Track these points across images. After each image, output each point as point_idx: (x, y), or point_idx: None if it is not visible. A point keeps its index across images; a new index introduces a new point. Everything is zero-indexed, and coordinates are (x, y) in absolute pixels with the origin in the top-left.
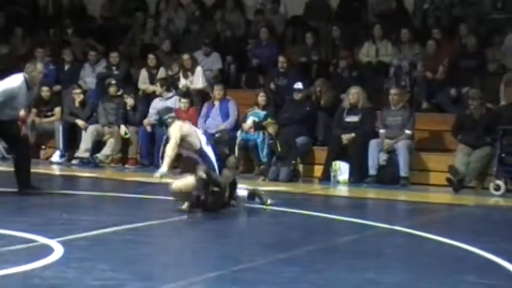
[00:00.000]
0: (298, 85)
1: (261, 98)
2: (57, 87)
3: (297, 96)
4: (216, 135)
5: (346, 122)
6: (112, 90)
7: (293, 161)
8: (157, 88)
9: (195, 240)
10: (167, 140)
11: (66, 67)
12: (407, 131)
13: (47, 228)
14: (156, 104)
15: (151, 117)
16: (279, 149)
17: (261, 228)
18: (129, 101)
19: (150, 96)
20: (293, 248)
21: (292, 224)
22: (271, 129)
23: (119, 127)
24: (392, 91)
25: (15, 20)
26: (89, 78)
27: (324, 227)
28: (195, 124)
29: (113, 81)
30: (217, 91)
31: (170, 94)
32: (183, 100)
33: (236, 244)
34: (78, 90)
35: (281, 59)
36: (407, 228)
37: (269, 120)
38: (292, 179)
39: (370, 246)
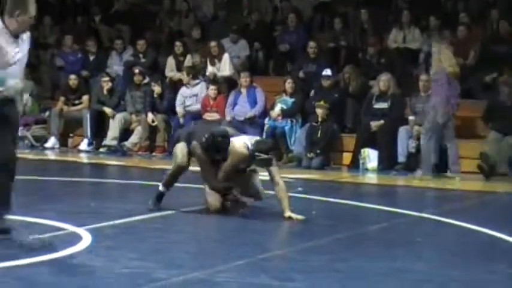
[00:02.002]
0: (327, 71)
1: (289, 85)
2: (84, 74)
3: (326, 83)
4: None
5: (375, 108)
6: (136, 78)
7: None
8: (183, 76)
9: (222, 228)
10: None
11: (93, 56)
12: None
13: (75, 217)
14: (184, 92)
15: (182, 107)
16: (319, 135)
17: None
18: (156, 89)
19: (177, 84)
20: (321, 236)
21: (320, 212)
22: (320, 112)
23: (146, 115)
24: (422, 77)
25: (43, 8)
26: (116, 66)
27: (352, 215)
28: (223, 111)
29: (136, 70)
30: (244, 78)
31: (196, 81)
32: (211, 87)
33: (264, 232)
34: (106, 78)
35: (312, 44)
36: (437, 216)
37: (322, 102)
38: (323, 167)
39: (399, 234)
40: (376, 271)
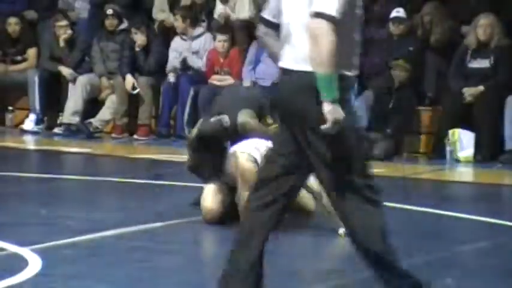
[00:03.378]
0: (399, 12)
1: None
2: (30, 15)
3: (397, 29)
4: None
5: (470, 68)
6: (108, 23)
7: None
8: (178, 22)
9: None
10: (196, 97)
11: None
12: None
13: (17, 231)
14: (179, 46)
15: (174, 64)
16: (390, 108)
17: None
18: (139, 39)
19: (170, 32)
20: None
21: (390, 225)
22: (398, 75)
23: (124, 78)
24: None
25: None
26: (78, 3)
27: (438, 229)
28: (240, 72)
29: (109, 11)
30: None
31: (199, 31)
32: (220, 37)
33: (294, 258)
34: (63, 22)
35: None
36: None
37: (400, 61)
38: (392, 156)
39: (508, 258)
40: None
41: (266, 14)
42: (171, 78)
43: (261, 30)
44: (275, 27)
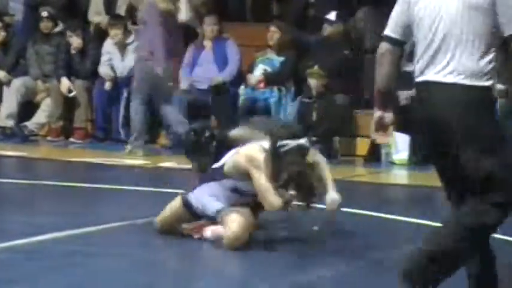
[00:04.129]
0: (331, 16)
1: (276, 36)
2: None
3: (329, 31)
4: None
5: (405, 72)
6: (43, 26)
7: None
8: (112, 31)
9: (182, 250)
10: (129, 99)
11: None
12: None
13: None
14: (111, 49)
15: (105, 66)
16: (315, 118)
17: (279, 236)
18: (75, 42)
19: (106, 35)
20: (325, 265)
21: (326, 228)
22: (314, 83)
23: (59, 81)
24: None
25: None
26: (13, 3)
27: (371, 231)
28: (176, 75)
29: (44, 13)
30: (209, 26)
31: (131, 39)
32: None
33: (245, 259)
34: None
35: None
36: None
37: (315, 68)
38: (328, 160)
39: None
40: None
41: (390, 32)
42: (107, 86)
43: (384, 47)
44: (401, 44)
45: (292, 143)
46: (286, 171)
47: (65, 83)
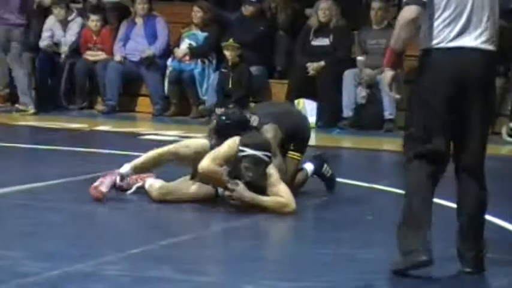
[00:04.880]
0: None
1: (199, 15)
2: None
3: (247, 10)
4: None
5: (313, 46)
6: None
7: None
8: (55, 10)
9: (116, 206)
10: (72, 69)
11: None
12: None
13: None
14: (53, 25)
15: (49, 39)
16: (230, 85)
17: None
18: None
19: (48, 12)
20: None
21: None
22: (230, 54)
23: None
24: (375, 5)
25: None
26: None
27: None
28: (111, 49)
29: None
30: (140, 5)
31: (72, 16)
32: (93, 17)
33: (169, 212)
34: None
35: None
36: (391, 188)
37: (230, 41)
38: None
39: (340, 212)
40: (314, 258)
41: None
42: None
43: (417, 11)
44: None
45: (249, 151)
46: (239, 173)
47: None
